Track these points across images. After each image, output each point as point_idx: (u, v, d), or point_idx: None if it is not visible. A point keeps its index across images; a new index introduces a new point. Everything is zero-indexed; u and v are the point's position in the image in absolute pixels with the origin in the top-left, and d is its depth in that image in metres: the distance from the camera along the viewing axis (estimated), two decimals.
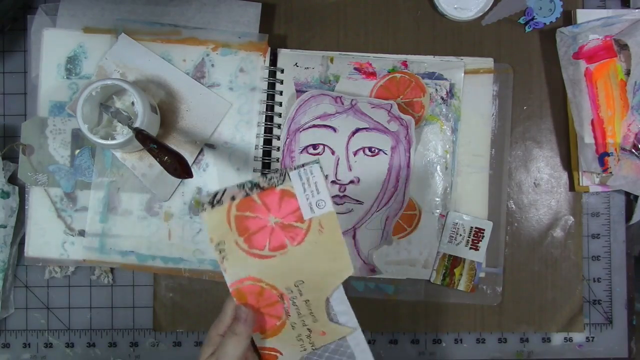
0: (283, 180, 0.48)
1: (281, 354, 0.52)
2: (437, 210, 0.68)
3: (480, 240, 0.67)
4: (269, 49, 0.67)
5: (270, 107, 0.68)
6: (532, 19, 0.68)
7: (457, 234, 0.67)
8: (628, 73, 0.66)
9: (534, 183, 0.70)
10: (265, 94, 0.68)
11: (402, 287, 0.68)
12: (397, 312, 0.69)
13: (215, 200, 0.49)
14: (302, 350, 0.53)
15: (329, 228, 0.49)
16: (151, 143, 0.58)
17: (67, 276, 0.69)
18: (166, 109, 0.67)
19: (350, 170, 0.67)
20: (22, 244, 0.68)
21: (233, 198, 0.48)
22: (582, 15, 0.68)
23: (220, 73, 0.67)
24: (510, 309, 0.69)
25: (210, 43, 0.67)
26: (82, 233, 0.67)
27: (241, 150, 0.67)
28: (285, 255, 0.50)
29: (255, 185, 0.49)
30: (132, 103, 0.62)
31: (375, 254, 0.67)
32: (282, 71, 0.68)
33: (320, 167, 0.48)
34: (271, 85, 0.68)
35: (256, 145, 0.67)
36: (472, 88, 0.68)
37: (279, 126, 0.68)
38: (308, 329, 0.52)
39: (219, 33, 0.67)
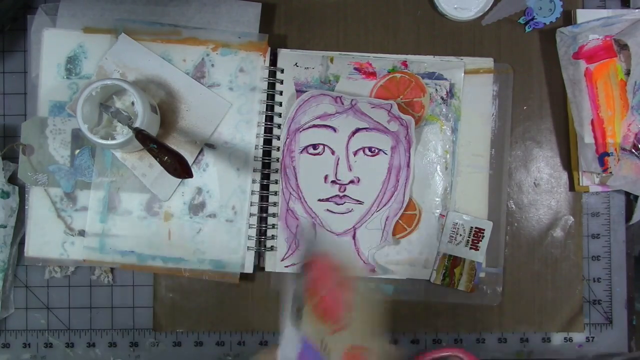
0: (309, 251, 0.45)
1: None
2: (437, 210, 0.68)
3: (480, 240, 0.67)
4: (269, 49, 0.67)
5: (270, 107, 0.68)
6: (532, 19, 0.68)
7: (457, 234, 0.67)
8: (628, 73, 0.66)
9: (534, 183, 0.70)
10: (265, 94, 0.68)
11: (402, 287, 0.68)
12: (397, 312, 0.69)
13: (297, 306, 0.43)
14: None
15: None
16: (151, 143, 0.58)
17: (67, 276, 0.69)
18: (166, 109, 0.67)
19: (350, 170, 0.67)
20: (22, 244, 0.68)
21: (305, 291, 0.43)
22: (582, 15, 0.68)
23: (220, 73, 0.67)
24: (510, 309, 0.69)
25: (210, 43, 0.67)
26: (82, 233, 0.67)
27: (241, 150, 0.67)
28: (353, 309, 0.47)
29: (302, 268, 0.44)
30: (132, 103, 0.62)
31: (375, 254, 0.67)
32: (282, 71, 0.68)
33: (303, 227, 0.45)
34: (271, 85, 0.68)
35: (256, 145, 0.67)
36: (472, 88, 0.68)
37: (279, 126, 0.68)
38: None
39: (219, 33, 0.67)
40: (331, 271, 0.44)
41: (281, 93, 0.68)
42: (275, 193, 0.68)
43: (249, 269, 0.67)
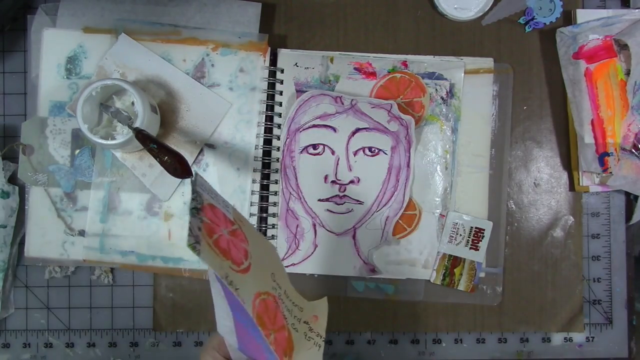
0: (200, 197, 0.45)
1: None
2: (437, 210, 0.68)
3: (480, 240, 0.67)
4: (269, 49, 0.67)
5: (270, 107, 0.68)
6: (532, 19, 0.68)
7: (457, 234, 0.67)
8: (628, 73, 0.66)
9: (534, 183, 0.70)
10: (265, 94, 0.68)
11: (402, 287, 0.68)
12: (397, 312, 0.69)
13: (194, 238, 0.43)
14: (318, 348, 0.49)
15: (241, 217, 0.48)
16: (151, 143, 0.58)
17: (67, 276, 0.69)
18: (166, 109, 0.67)
19: (350, 170, 0.67)
20: (22, 244, 0.68)
21: (199, 228, 0.43)
22: (582, 15, 0.68)
23: (220, 73, 0.67)
24: (510, 309, 0.69)
25: (210, 43, 0.67)
26: (82, 233, 0.67)
27: (241, 150, 0.67)
28: (252, 258, 0.47)
29: (196, 210, 0.44)
30: (132, 103, 0.62)
31: (375, 254, 0.67)
32: (282, 71, 0.68)
33: (196, 177, 0.46)
34: (271, 85, 0.68)
35: (256, 145, 0.67)
36: (472, 88, 0.68)
37: (279, 126, 0.68)
38: (304, 322, 0.50)
39: (219, 33, 0.67)
40: (224, 221, 0.45)
41: (281, 93, 0.68)
42: (275, 193, 0.68)
43: None
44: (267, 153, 0.68)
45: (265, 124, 0.68)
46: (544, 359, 0.70)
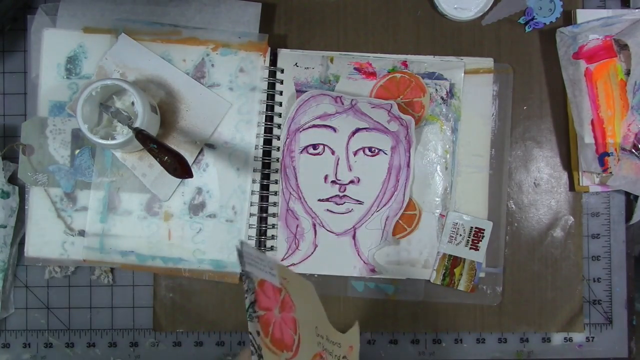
0: (251, 280, 0.45)
1: None
2: (437, 210, 0.68)
3: (480, 240, 0.67)
4: (269, 49, 0.67)
5: (270, 107, 0.68)
6: (532, 19, 0.68)
7: (457, 234, 0.67)
8: (628, 73, 0.66)
9: (534, 183, 0.70)
10: (265, 94, 0.68)
11: (402, 287, 0.68)
12: (397, 312, 0.69)
13: (257, 351, 0.43)
14: None
15: (284, 273, 0.48)
16: (151, 143, 0.58)
17: (67, 276, 0.69)
18: (166, 109, 0.67)
19: (350, 170, 0.67)
20: (22, 244, 0.68)
21: (258, 332, 0.44)
22: (582, 15, 0.68)
23: (220, 73, 0.67)
24: (510, 309, 0.69)
25: (210, 43, 0.67)
26: (82, 233, 0.67)
27: (241, 150, 0.67)
28: (300, 326, 0.48)
29: (252, 307, 0.44)
30: (132, 103, 0.62)
31: (375, 254, 0.67)
32: (282, 71, 0.68)
33: (242, 248, 0.45)
34: (271, 85, 0.68)
35: (256, 145, 0.67)
36: (472, 88, 0.68)
37: (279, 126, 0.68)
38: (343, 357, 0.52)
39: (219, 33, 0.67)
40: (274, 294, 0.46)
41: (281, 93, 0.68)
42: (275, 193, 0.68)
43: None
44: (267, 153, 0.68)
45: (265, 124, 0.68)
46: (544, 359, 0.70)
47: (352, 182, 0.67)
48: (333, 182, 0.67)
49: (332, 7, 0.70)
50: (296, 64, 0.68)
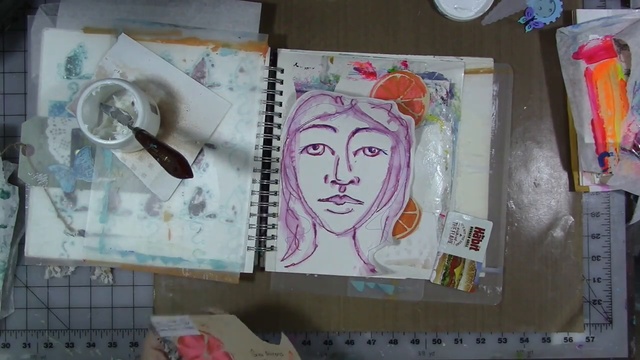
0: (170, 341, 0.52)
1: None
2: (437, 210, 0.68)
3: (480, 240, 0.67)
4: (269, 49, 0.67)
5: (270, 107, 0.68)
6: (532, 19, 0.68)
7: (457, 234, 0.67)
8: (628, 73, 0.66)
9: (534, 183, 0.70)
10: (265, 94, 0.68)
11: (402, 287, 0.68)
12: (397, 312, 0.69)
13: None
14: None
15: (207, 319, 0.55)
16: (151, 143, 0.58)
17: (67, 276, 0.69)
18: (166, 109, 0.67)
19: (350, 170, 0.67)
20: (22, 244, 0.68)
21: None
22: (582, 15, 0.68)
23: (220, 73, 0.67)
24: (510, 309, 0.69)
25: (210, 43, 0.67)
26: (82, 233, 0.67)
27: (241, 150, 0.67)
28: (234, 355, 0.53)
29: (172, 351, 0.51)
30: (132, 103, 0.62)
31: (375, 254, 0.67)
32: (282, 71, 0.68)
33: (150, 324, 0.52)
34: (271, 85, 0.68)
35: (256, 145, 0.67)
36: (472, 88, 0.68)
37: (279, 126, 0.68)
38: None
39: (219, 33, 0.67)
40: (197, 343, 0.52)
41: (281, 93, 0.68)
42: (275, 193, 0.68)
43: (248, 269, 0.67)
44: (267, 153, 0.68)
45: (265, 124, 0.68)
46: (544, 359, 0.70)
47: (352, 182, 0.67)
48: (333, 182, 0.67)
49: (332, 7, 0.70)
50: (296, 64, 0.68)
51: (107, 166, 0.67)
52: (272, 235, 0.68)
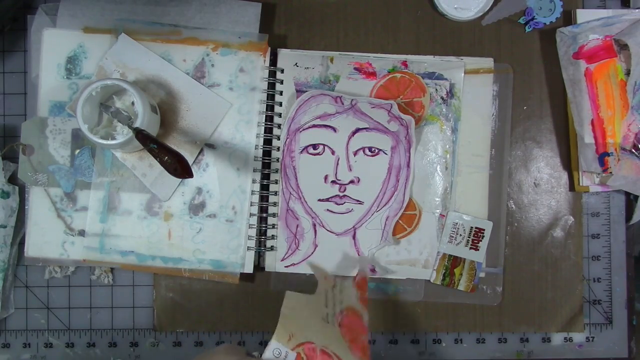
0: None
1: None
2: (437, 210, 0.68)
3: (480, 240, 0.67)
4: (269, 49, 0.67)
5: (270, 107, 0.68)
6: (532, 19, 0.68)
7: (457, 234, 0.67)
8: (628, 73, 0.66)
9: (534, 183, 0.70)
10: (265, 94, 0.68)
11: (402, 287, 0.68)
12: (397, 312, 0.69)
13: None
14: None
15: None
16: (151, 143, 0.58)
17: (67, 276, 0.69)
18: (166, 109, 0.67)
19: (351, 170, 0.67)
20: (22, 244, 0.68)
21: None
22: (582, 15, 0.68)
23: (220, 73, 0.67)
24: (510, 309, 0.69)
25: (210, 43, 0.67)
26: (82, 233, 0.67)
27: (241, 150, 0.67)
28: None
29: None
30: (132, 103, 0.62)
31: (375, 254, 0.67)
32: (282, 71, 0.68)
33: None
34: (271, 85, 0.68)
35: (256, 145, 0.67)
36: (472, 88, 0.68)
37: (279, 126, 0.68)
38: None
39: (219, 33, 0.67)
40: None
41: (281, 93, 0.68)
42: (275, 193, 0.68)
43: (249, 269, 0.67)
44: (267, 153, 0.68)
45: (265, 124, 0.68)
46: (544, 359, 0.70)
47: (352, 182, 0.67)
48: (333, 182, 0.67)
49: (332, 7, 0.70)
50: (296, 64, 0.68)
51: (107, 166, 0.67)
52: (272, 235, 0.68)
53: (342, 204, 0.67)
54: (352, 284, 0.57)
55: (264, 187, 0.68)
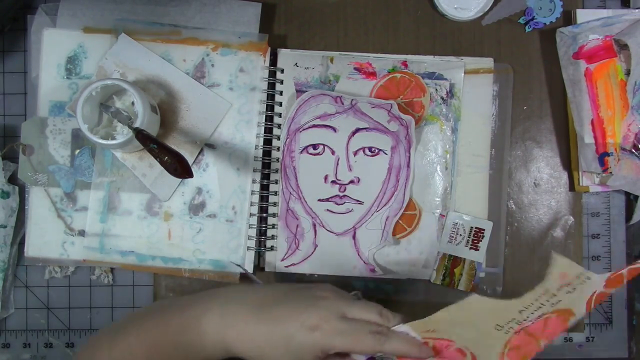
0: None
1: None
2: (437, 210, 0.68)
3: (480, 240, 0.67)
4: (269, 49, 0.67)
5: (270, 107, 0.68)
6: (532, 19, 0.68)
7: (457, 234, 0.67)
8: (628, 73, 0.66)
9: (534, 183, 0.70)
10: (265, 94, 0.68)
11: (402, 287, 0.68)
12: (397, 312, 0.69)
13: None
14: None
15: (432, 321, 0.53)
16: (151, 143, 0.58)
17: (67, 276, 0.69)
18: (166, 109, 0.67)
19: (351, 170, 0.67)
20: (22, 244, 0.68)
21: None
22: (582, 15, 0.68)
23: (220, 73, 0.67)
24: None
25: (210, 43, 0.67)
26: (82, 233, 0.67)
27: (241, 150, 0.67)
28: (467, 343, 0.51)
29: None
30: (132, 103, 0.62)
31: (375, 254, 0.67)
32: (282, 71, 0.68)
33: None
34: (271, 85, 0.68)
35: (256, 145, 0.67)
36: (472, 88, 0.68)
37: (279, 126, 0.68)
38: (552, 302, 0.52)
39: (219, 33, 0.67)
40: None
41: (281, 93, 0.68)
42: (275, 193, 0.68)
43: (249, 269, 0.67)
44: (267, 153, 0.68)
45: (265, 124, 0.68)
46: (544, 359, 0.70)
47: (352, 182, 0.67)
48: (333, 182, 0.67)
49: (332, 7, 0.70)
50: (296, 64, 0.68)
51: (107, 166, 0.67)
52: (272, 235, 0.68)
53: (342, 204, 0.67)
54: (602, 280, 0.50)
55: (264, 187, 0.68)
